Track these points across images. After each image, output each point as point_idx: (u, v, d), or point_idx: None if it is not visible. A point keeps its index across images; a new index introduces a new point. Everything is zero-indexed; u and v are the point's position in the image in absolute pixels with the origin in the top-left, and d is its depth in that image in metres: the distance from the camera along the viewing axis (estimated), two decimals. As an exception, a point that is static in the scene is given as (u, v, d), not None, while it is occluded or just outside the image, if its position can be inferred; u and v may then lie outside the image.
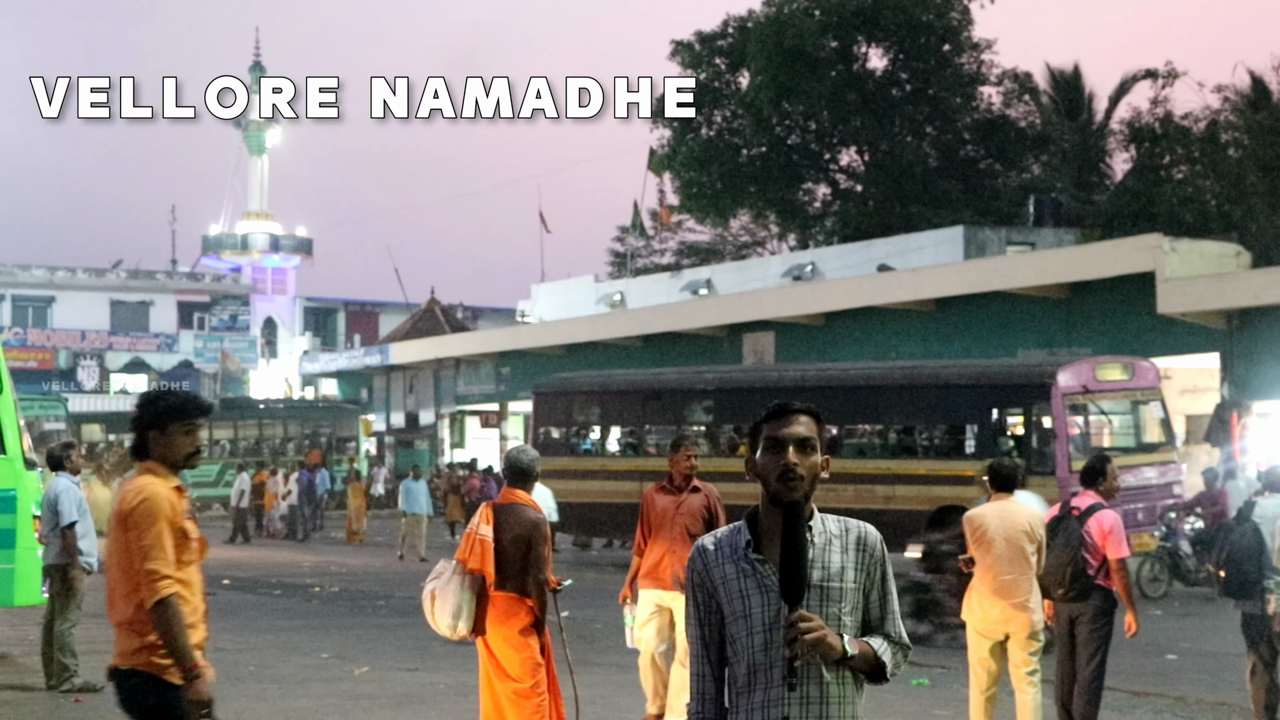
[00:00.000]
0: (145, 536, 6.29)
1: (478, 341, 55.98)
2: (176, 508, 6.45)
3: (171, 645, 6.28)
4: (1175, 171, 44.42)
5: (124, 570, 6.37)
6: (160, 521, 6.32)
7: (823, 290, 40.37)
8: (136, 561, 6.28)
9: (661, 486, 11.85)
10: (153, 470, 6.52)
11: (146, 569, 6.26)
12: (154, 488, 6.40)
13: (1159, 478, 24.60)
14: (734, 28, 53.82)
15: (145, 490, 6.38)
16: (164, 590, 6.24)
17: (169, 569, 6.30)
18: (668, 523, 11.56)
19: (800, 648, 4.17)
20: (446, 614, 9.17)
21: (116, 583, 6.45)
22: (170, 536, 6.37)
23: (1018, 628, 10.44)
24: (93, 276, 75.50)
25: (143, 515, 6.32)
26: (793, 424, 4.39)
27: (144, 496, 6.35)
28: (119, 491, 6.62)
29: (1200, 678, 15.07)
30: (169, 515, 6.39)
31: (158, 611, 6.25)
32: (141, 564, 6.27)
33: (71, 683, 13.95)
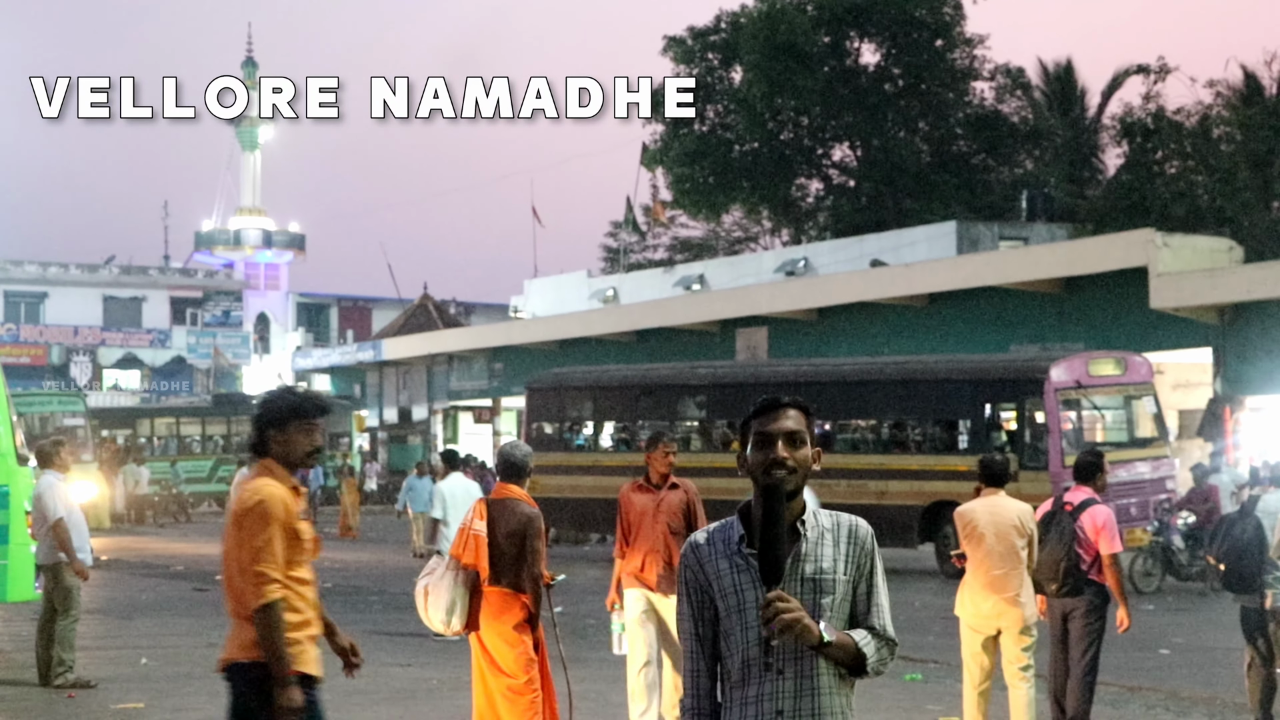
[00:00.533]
0: (257, 539, 6.40)
1: (471, 337, 55.98)
2: (291, 509, 6.54)
3: (270, 649, 6.39)
4: (1168, 166, 44.45)
5: (240, 569, 6.48)
6: (273, 525, 6.43)
7: (816, 285, 40.40)
8: (246, 562, 6.40)
9: (639, 485, 11.38)
10: (270, 469, 6.60)
11: (255, 571, 6.37)
12: (270, 489, 6.48)
13: (1151, 473, 24.63)
14: (726, 23, 53.81)
15: (261, 492, 6.46)
16: (270, 595, 6.35)
17: (277, 572, 6.41)
18: (648, 522, 11.10)
19: (777, 625, 4.18)
20: (440, 609, 9.16)
21: (234, 578, 6.56)
22: (282, 539, 6.47)
23: (1010, 623, 10.44)
24: (85, 272, 75.44)
25: (257, 517, 6.42)
26: (781, 418, 4.40)
27: (260, 498, 6.44)
28: (237, 489, 6.71)
29: (1193, 672, 15.09)
30: (282, 517, 6.48)
31: (261, 614, 6.36)
32: (251, 565, 6.38)
33: (66, 678, 13.94)
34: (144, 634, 18.57)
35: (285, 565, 6.49)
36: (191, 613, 21.21)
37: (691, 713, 4.46)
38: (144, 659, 16.00)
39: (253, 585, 6.37)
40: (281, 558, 6.46)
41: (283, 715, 6.42)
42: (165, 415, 55.73)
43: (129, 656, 16.20)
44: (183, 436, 53.05)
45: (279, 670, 6.40)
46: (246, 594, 6.43)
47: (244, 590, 6.46)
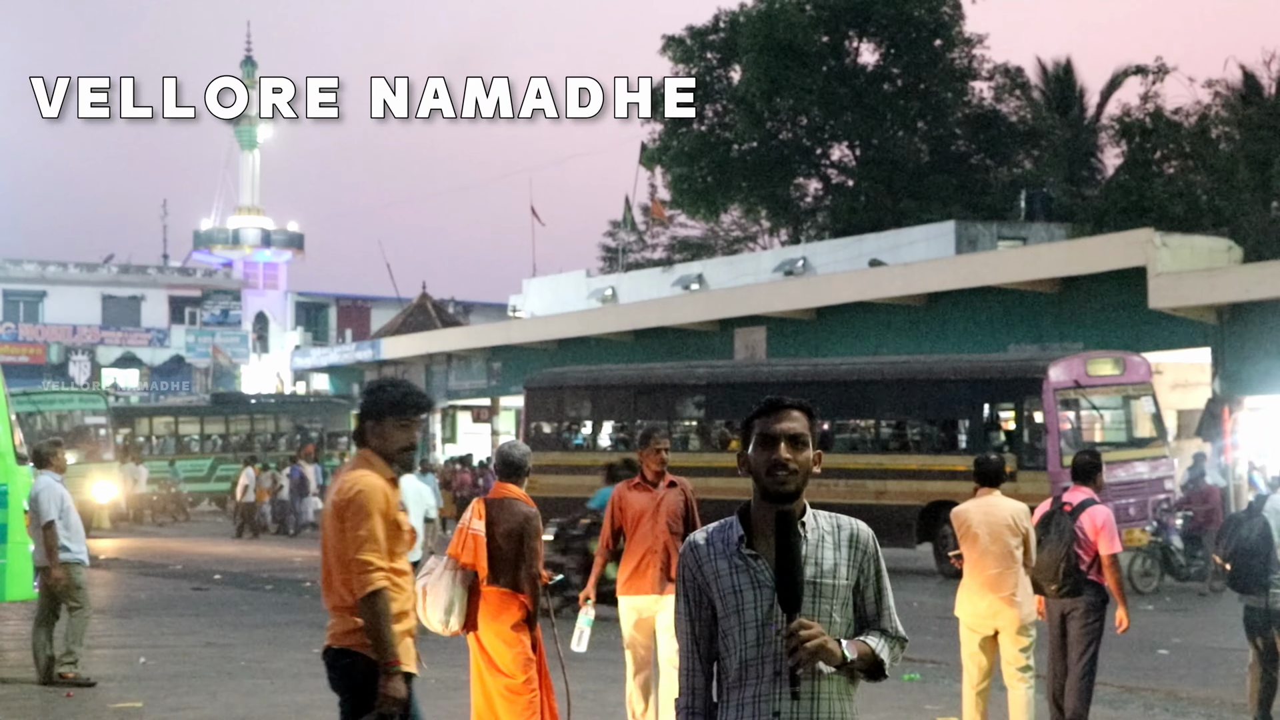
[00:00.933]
0: (360, 528, 6.44)
1: (469, 336, 55.96)
2: (390, 500, 6.60)
3: (376, 638, 6.40)
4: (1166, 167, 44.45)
5: (340, 558, 6.51)
6: (374, 515, 6.48)
7: (814, 285, 40.39)
8: (350, 552, 6.43)
9: (635, 484, 11.02)
10: (368, 460, 6.67)
11: (359, 560, 6.40)
12: (369, 480, 6.54)
13: (1150, 473, 24.64)
14: (725, 22, 53.82)
15: (361, 482, 6.52)
16: (375, 583, 6.39)
17: (381, 561, 6.45)
18: (647, 522, 10.79)
19: (801, 655, 4.18)
20: (438, 609, 9.14)
21: (334, 569, 6.59)
22: (384, 528, 6.52)
23: (1006, 622, 10.45)
24: (84, 271, 75.45)
25: (358, 507, 6.46)
26: (784, 419, 4.39)
27: (359, 489, 6.49)
28: (336, 480, 6.74)
29: (1192, 673, 15.10)
30: (382, 507, 6.53)
31: (366, 603, 6.38)
32: (354, 555, 6.42)
33: (72, 669, 13.95)
34: (142, 633, 18.58)
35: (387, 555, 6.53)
36: (190, 612, 21.21)
37: (686, 711, 4.46)
38: (142, 658, 16.01)
39: (357, 575, 6.40)
40: (384, 547, 6.50)
41: (385, 705, 6.43)
42: (164, 414, 55.69)
43: (127, 655, 16.21)
44: (181, 435, 53.02)
45: (384, 659, 6.41)
46: (350, 584, 6.44)
47: (346, 581, 6.47)
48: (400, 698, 6.44)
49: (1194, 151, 42.71)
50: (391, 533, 6.58)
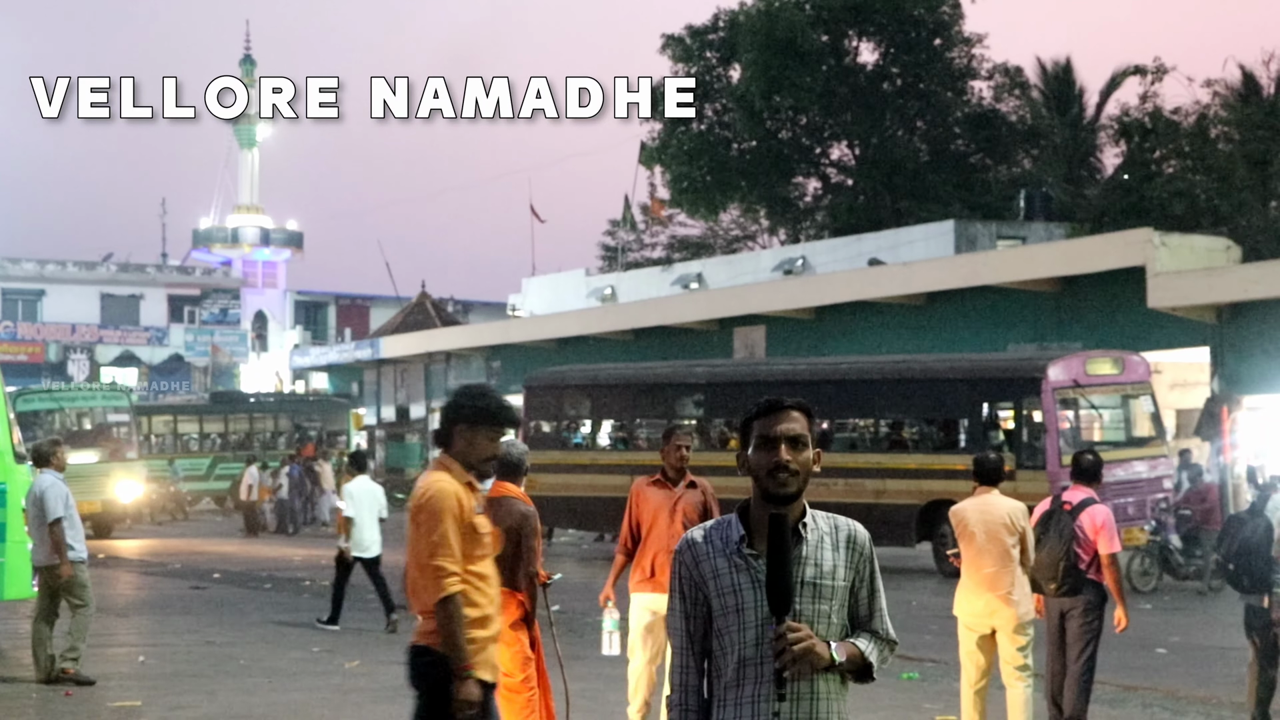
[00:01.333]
0: (433, 533, 6.45)
1: (468, 335, 55.98)
2: (465, 504, 6.59)
3: (449, 641, 6.43)
4: (1165, 166, 44.46)
5: (417, 563, 6.54)
6: (446, 519, 6.48)
7: (813, 284, 40.40)
8: (424, 556, 6.46)
9: (654, 480, 10.84)
10: (446, 465, 6.68)
11: (432, 565, 6.42)
12: (443, 484, 6.54)
13: (1149, 472, 24.64)
14: (725, 21, 53.80)
15: (434, 487, 6.53)
16: (449, 587, 6.41)
17: (454, 565, 6.46)
18: (663, 520, 10.64)
19: (788, 658, 4.19)
20: None
21: (413, 574, 6.62)
22: (457, 532, 6.52)
23: (1003, 621, 10.45)
24: (83, 270, 75.43)
25: (430, 512, 6.49)
26: (785, 420, 4.39)
27: (431, 494, 6.51)
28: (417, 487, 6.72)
29: (1190, 672, 15.10)
30: (456, 512, 6.53)
31: (440, 607, 6.42)
32: (428, 560, 6.44)
33: (72, 665, 13.95)
34: (141, 632, 18.58)
35: (463, 559, 6.52)
36: (189, 611, 21.20)
37: (680, 709, 4.46)
38: (141, 657, 16.01)
39: (431, 579, 6.42)
40: (458, 551, 6.50)
41: (459, 709, 6.44)
42: (163, 413, 55.63)
43: (126, 654, 16.22)
44: (180, 434, 52.99)
45: (458, 663, 6.43)
46: (426, 589, 6.47)
47: (423, 586, 6.50)
48: (473, 701, 6.43)
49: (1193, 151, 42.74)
50: (469, 536, 6.59)
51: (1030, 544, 10.53)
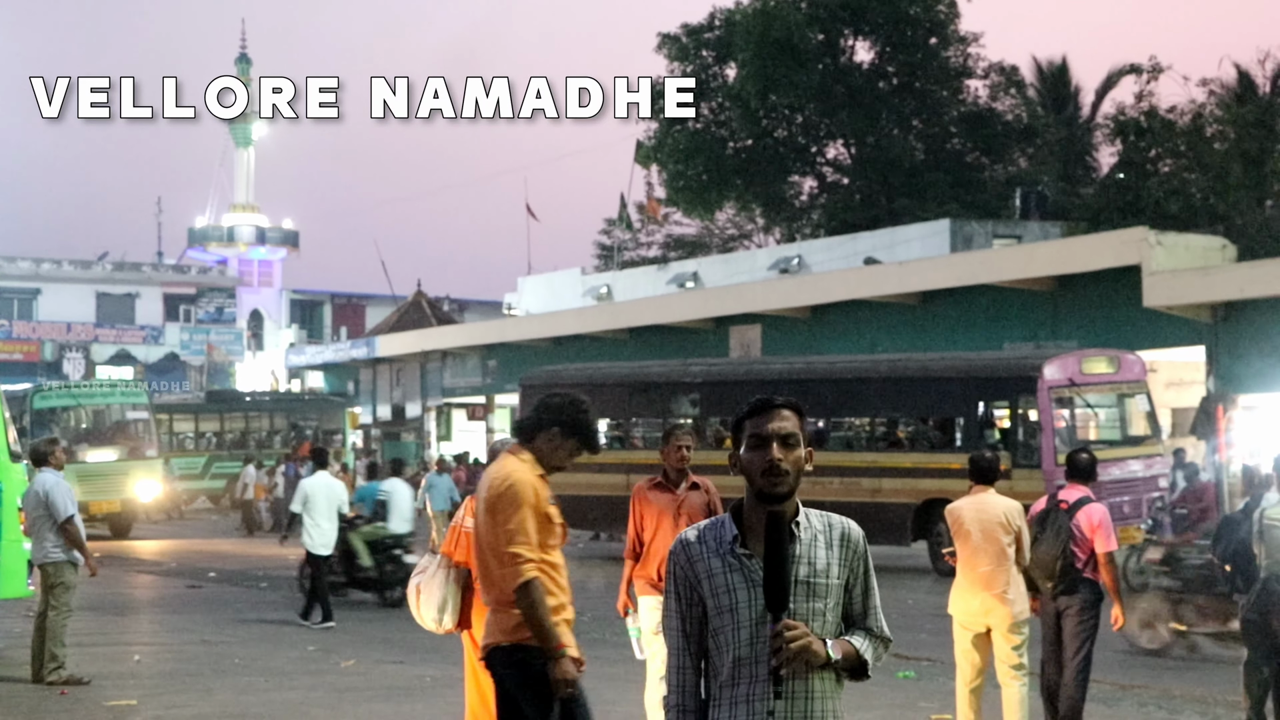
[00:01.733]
0: (510, 521, 6.62)
1: (464, 334, 55.96)
2: (541, 493, 6.75)
3: (536, 625, 6.54)
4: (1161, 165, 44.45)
5: (494, 551, 6.68)
6: (524, 507, 6.64)
7: (809, 283, 40.40)
8: (501, 545, 6.60)
9: (656, 483, 10.56)
10: (518, 454, 6.88)
11: (510, 552, 6.57)
12: (520, 474, 6.73)
13: (1145, 471, 24.66)
14: (721, 20, 53.80)
15: (511, 476, 6.72)
16: (527, 573, 6.54)
17: (532, 552, 6.60)
18: (667, 524, 10.37)
19: (785, 656, 4.20)
20: (431, 608, 9.09)
21: (490, 564, 6.77)
22: (534, 520, 6.67)
23: (998, 620, 10.46)
24: (78, 268, 75.38)
25: (508, 501, 6.66)
26: (776, 419, 4.40)
27: (510, 482, 6.69)
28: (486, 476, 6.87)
29: (1186, 671, 15.10)
30: (532, 501, 6.70)
31: (521, 593, 6.53)
32: (505, 547, 6.58)
33: (59, 673, 13.93)
34: (137, 631, 18.58)
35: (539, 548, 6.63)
36: (184, 610, 21.19)
37: (678, 709, 4.46)
38: (137, 656, 16.01)
39: (510, 567, 6.55)
40: (535, 539, 6.63)
41: (559, 688, 6.54)
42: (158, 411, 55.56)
43: (122, 653, 16.21)
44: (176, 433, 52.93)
45: (549, 644, 6.53)
46: (504, 577, 6.58)
47: (501, 574, 6.61)
48: (572, 678, 6.54)
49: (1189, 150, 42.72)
50: (543, 525, 6.70)
51: (1026, 543, 10.53)
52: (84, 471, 33.56)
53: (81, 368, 71.07)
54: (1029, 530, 10.77)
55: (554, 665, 6.53)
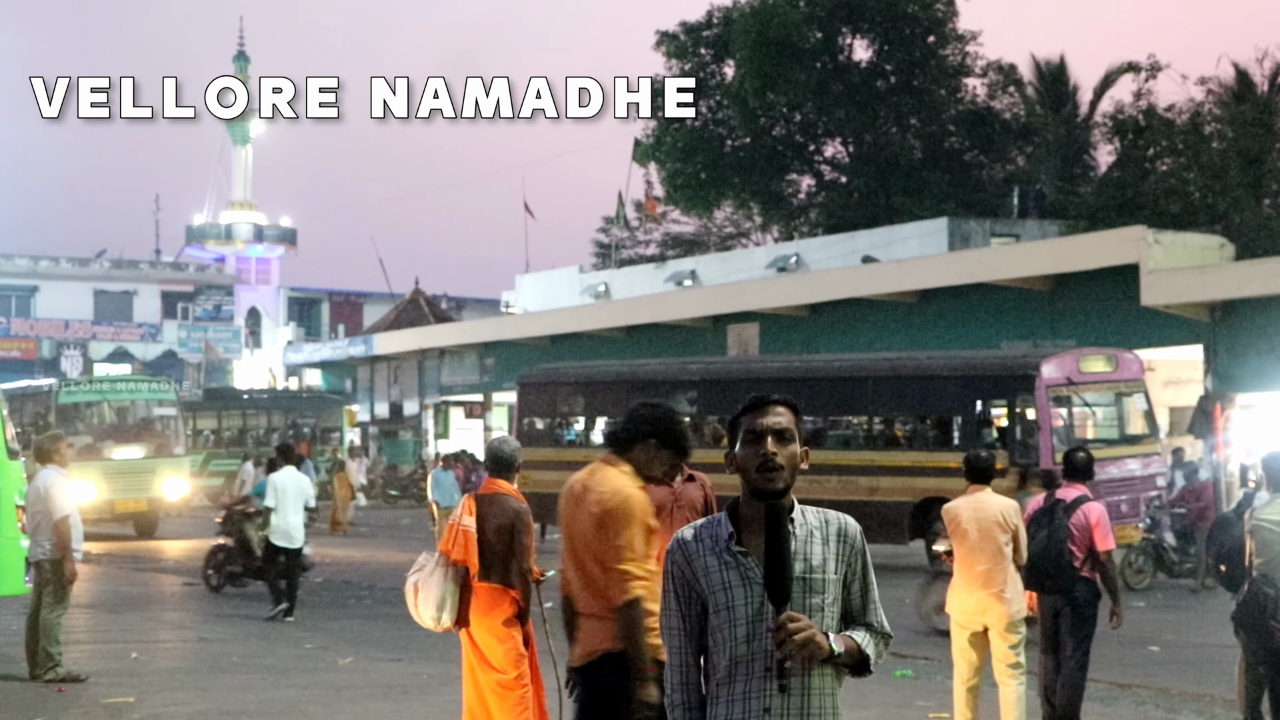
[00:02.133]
0: (620, 537, 6.72)
1: (462, 332, 55.94)
2: (647, 508, 6.89)
3: (632, 643, 6.61)
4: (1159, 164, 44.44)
5: (602, 564, 6.77)
6: (635, 523, 6.77)
7: (807, 281, 40.39)
8: (610, 560, 6.70)
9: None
10: (616, 465, 6.99)
11: (620, 569, 6.67)
12: (632, 489, 6.84)
13: (1142, 470, 24.66)
14: (719, 18, 53.79)
15: (623, 491, 6.81)
16: (634, 591, 6.63)
17: (641, 570, 6.69)
18: (665, 519, 9.69)
19: (790, 648, 4.20)
20: (430, 606, 9.12)
21: (595, 574, 6.84)
22: (643, 537, 6.79)
23: (995, 618, 10.47)
24: (76, 266, 75.37)
25: (622, 516, 6.75)
26: (770, 415, 4.42)
27: (623, 497, 6.78)
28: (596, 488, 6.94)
29: (1183, 669, 15.11)
30: (641, 517, 6.82)
31: (626, 610, 6.62)
32: (615, 563, 6.68)
33: (55, 672, 13.91)
34: (134, 628, 18.56)
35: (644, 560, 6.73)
36: (182, 607, 21.20)
37: (682, 707, 4.47)
38: (134, 653, 16.00)
39: (618, 582, 6.65)
40: (642, 554, 6.74)
41: (640, 709, 6.56)
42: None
43: (119, 651, 16.19)
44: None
45: (642, 663, 6.58)
46: (611, 590, 6.68)
47: (607, 586, 6.72)
48: (655, 703, 6.51)
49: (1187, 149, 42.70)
50: (647, 538, 6.84)
51: (1023, 541, 10.53)
52: (110, 469, 33.33)
53: (79, 365, 71.05)
54: (1027, 529, 10.79)
55: (640, 687, 6.58)
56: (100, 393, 37.69)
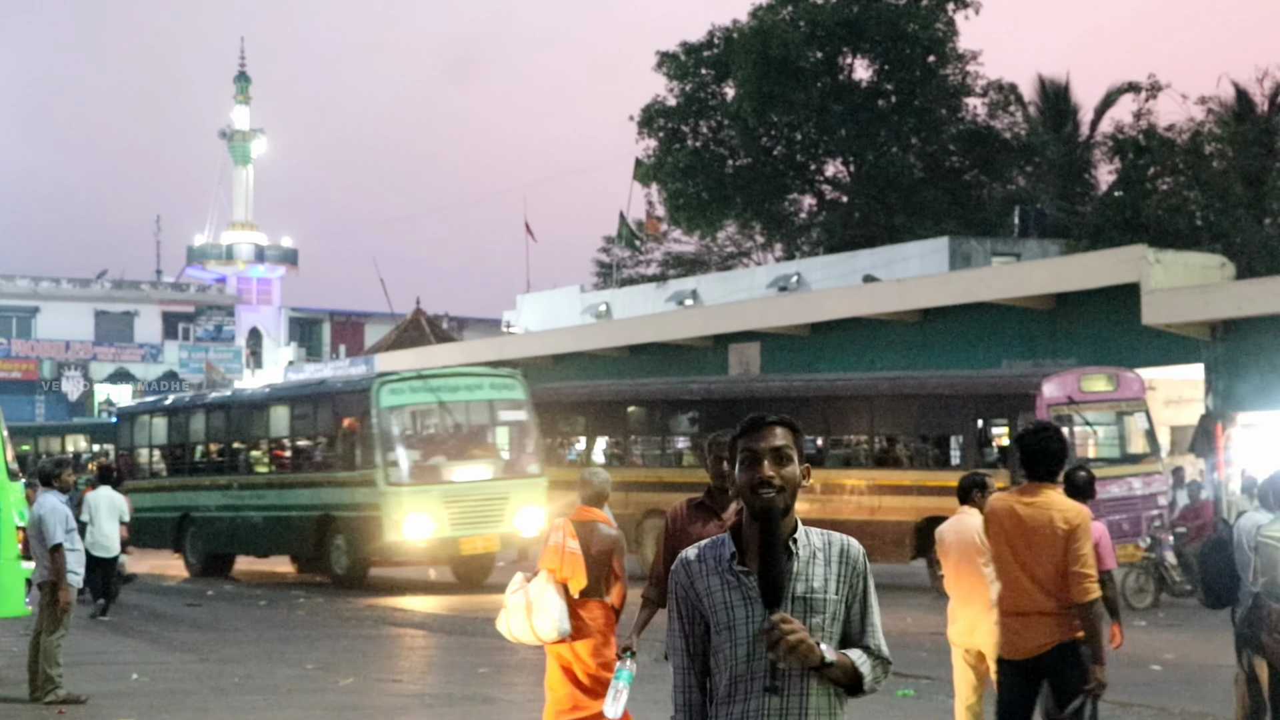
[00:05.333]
0: (1082, 549, 8.11)
1: (463, 352, 55.89)
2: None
3: (1093, 636, 8.10)
4: (1160, 183, 44.51)
5: (1060, 570, 8.11)
6: (1089, 540, 8.21)
7: (808, 301, 40.39)
8: (1073, 566, 8.07)
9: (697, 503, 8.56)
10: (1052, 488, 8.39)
11: (1081, 573, 8.06)
12: (1086, 512, 8.29)
13: (1144, 488, 24.63)
14: (719, 38, 53.89)
15: (1083, 513, 8.25)
16: (1094, 593, 8.11)
17: (1094, 576, 8.16)
18: None
19: (781, 649, 4.19)
20: (551, 618, 9.78)
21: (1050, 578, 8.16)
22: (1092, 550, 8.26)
23: (983, 638, 10.49)
24: (77, 287, 75.38)
25: (1083, 532, 8.14)
26: (767, 436, 4.42)
27: (1083, 517, 8.20)
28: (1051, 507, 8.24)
29: (1185, 689, 15.09)
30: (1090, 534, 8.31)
31: (1088, 608, 8.09)
32: (1077, 568, 8.06)
33: (55, 694, 13.90)
34: (135, 649, 18.55)
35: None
36: (181, 628, 21.17)
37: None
38: (135, 674, 15.98)
39: (1077, 584, 8.05)
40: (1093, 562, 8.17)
41: (1098, 690, 8.15)
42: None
43: (119, 672, 16.18)
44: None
45: (1098, 653, 8.09)
46: (1072, 590, 8.05)
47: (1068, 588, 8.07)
48: (1105, 684, 8.17)
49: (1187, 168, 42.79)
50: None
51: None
52: (450, 495, 25.50)
53: (80, 386, 71.06)
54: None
55: (1099, 670, 8.10)
56: (432, 390, 27.30)
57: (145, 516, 28.30)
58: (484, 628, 20.68)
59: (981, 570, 10.44)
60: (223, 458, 31.21)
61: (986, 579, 10.45)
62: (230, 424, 31.11)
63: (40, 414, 68.20)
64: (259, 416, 30.48)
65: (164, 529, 30.79)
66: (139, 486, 30.57)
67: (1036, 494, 8.25)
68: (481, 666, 16.14)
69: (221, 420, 31.43)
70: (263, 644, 18.84)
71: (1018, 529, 8.26)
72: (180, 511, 30.60)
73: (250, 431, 30.62)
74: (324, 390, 30.01)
